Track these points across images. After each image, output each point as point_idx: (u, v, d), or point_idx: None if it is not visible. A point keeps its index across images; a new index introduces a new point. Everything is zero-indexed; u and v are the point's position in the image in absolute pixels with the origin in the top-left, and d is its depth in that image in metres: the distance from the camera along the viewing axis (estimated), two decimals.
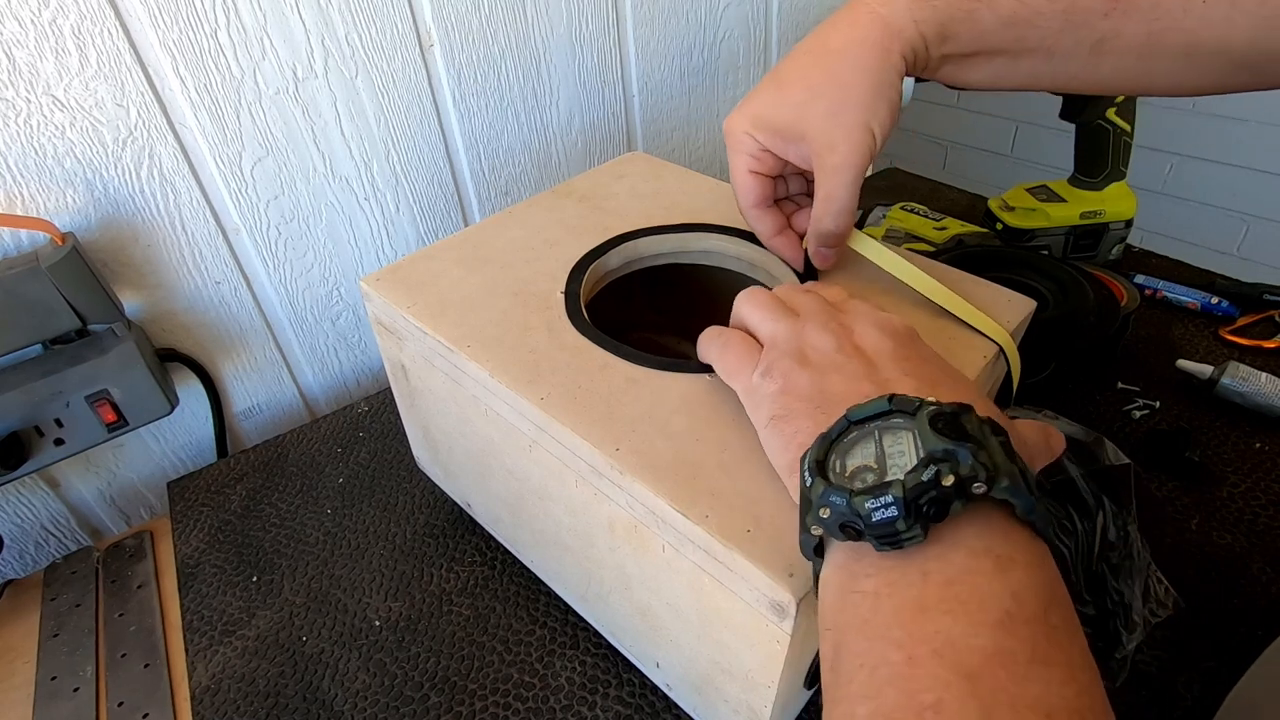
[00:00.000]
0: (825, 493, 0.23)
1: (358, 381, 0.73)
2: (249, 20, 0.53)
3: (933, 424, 0.22)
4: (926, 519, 0.21)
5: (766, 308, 0.33)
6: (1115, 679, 0.40)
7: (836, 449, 0.25)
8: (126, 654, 0.49)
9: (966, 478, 0.21)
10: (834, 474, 0.24)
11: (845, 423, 0.25)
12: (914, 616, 0.21)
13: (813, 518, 0.23)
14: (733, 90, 0.85)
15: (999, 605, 0.21)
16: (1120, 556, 0.43)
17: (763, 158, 0.40)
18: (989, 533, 0.22)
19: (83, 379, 0.50)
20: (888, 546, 0.22)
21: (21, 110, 0.47)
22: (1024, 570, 0.22)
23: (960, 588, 0.21)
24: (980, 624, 0.20)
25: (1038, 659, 0.20)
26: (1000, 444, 0.23)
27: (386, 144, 0.63)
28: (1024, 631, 0.20)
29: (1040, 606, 0.21)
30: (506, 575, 0.50)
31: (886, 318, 0.32)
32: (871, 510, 0.22)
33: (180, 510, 0.58)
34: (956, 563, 0.22)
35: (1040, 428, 0.29)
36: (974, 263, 0.63)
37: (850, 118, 0.36)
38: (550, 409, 0.34)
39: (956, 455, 0.22)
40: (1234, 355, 0.63)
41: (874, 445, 0.24)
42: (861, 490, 0.22)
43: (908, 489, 0.21)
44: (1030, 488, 0.22)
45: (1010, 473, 0.22)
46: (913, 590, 0.22)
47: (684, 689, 0.39)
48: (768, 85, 0.39)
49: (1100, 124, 0.69)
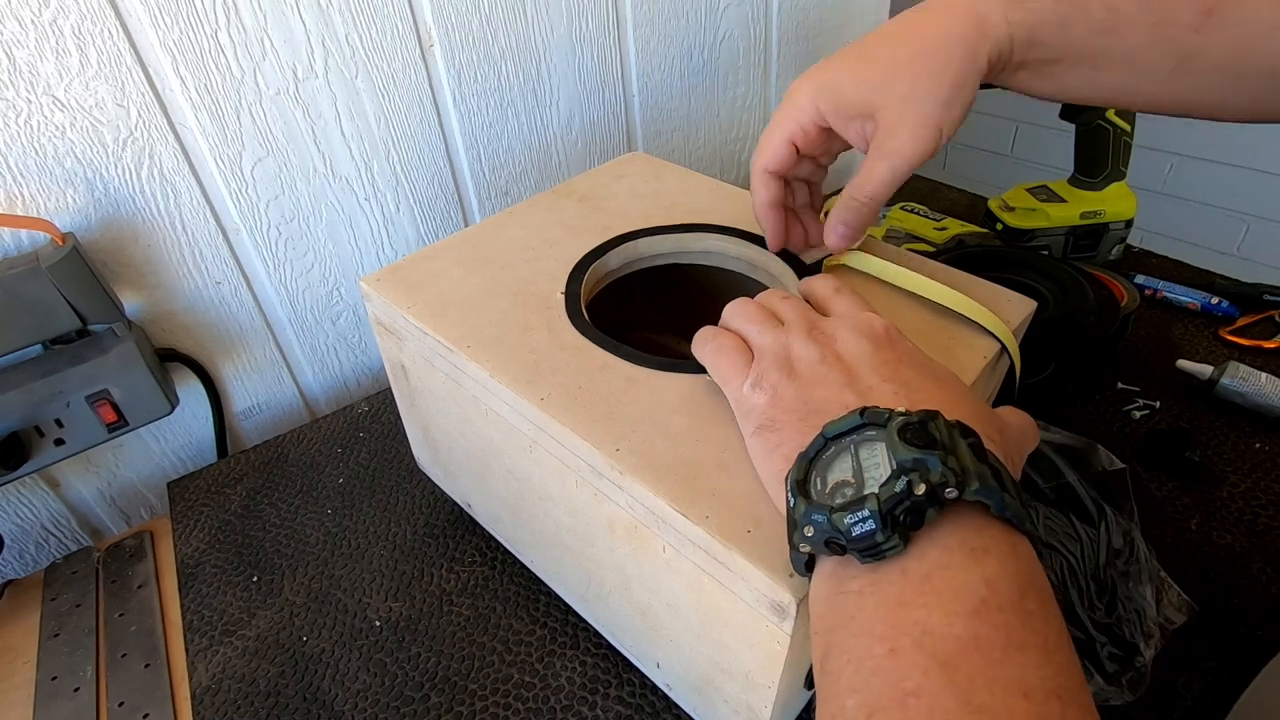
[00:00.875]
0: (807, 511, 0.24)
1: (358, 381, 0.73)
2: (249, 20, 0.53)
3: (901, 435, 0.23)
4: (905, 528, 0.22)
5: (754, 320, 0.34)
6: (1137, 690, 0.40)
7: (816, 466, 0.25)
8: (127, 654, 0.49)
9: (938, 484, 0.22)
10: (815, 492, 0.25)
11: (822, 440, 0.26)
12: (895, 611, 0.22)
13: (799, 536, 0.24)
14: (732, 90, 0.85)
15: (974, 595, 0.22)
16: (1127, 563, 0.43)
17: (809, 132, 0.39)
18: (963, 529, 0.23)
19: (83, 379, 0.50)
20: (871, 558, 0.23)
21: (22, 110, 0.47)
22: (998, 560, 0.22)
23: (936, 580, 0.22)
24: (955, 614, 0.21)
25: (1013, 644, 0.21)
26: (970, 446, 0.24)
27: (387, 144, 0.63)
28: (998, 619, 0.21)
29: (1015, 594, 0.22)
30: (507, 575, 0.50)
31: (867, 320, 0.32)
32: (851, 525, 0.22)
33: (180, 510, 0.58)
34: (932, 558, 0.22)
35: (1022, 413, 0.30)
36: (974, 263, 0.63)
37: (923, 113, 0.35)
38: (550, 409, 0.34)
39: (926, 463, 0.22)
40: (1234, 355, 0.63)
41: (851, 459, 0.25)
42: (840, 507, 0.23)
43: (882, 501, 0.22)
44: (1003, 484, 0.23)
45: (980, 474, 0.23)
46: (893, 587, 0.23)
47: (684, 689, 0.39)
48: (846, 58, 0.38)
49: (1100, 124, 0.69)
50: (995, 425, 0.28)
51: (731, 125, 0.88)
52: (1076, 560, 0.43)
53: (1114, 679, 0.40)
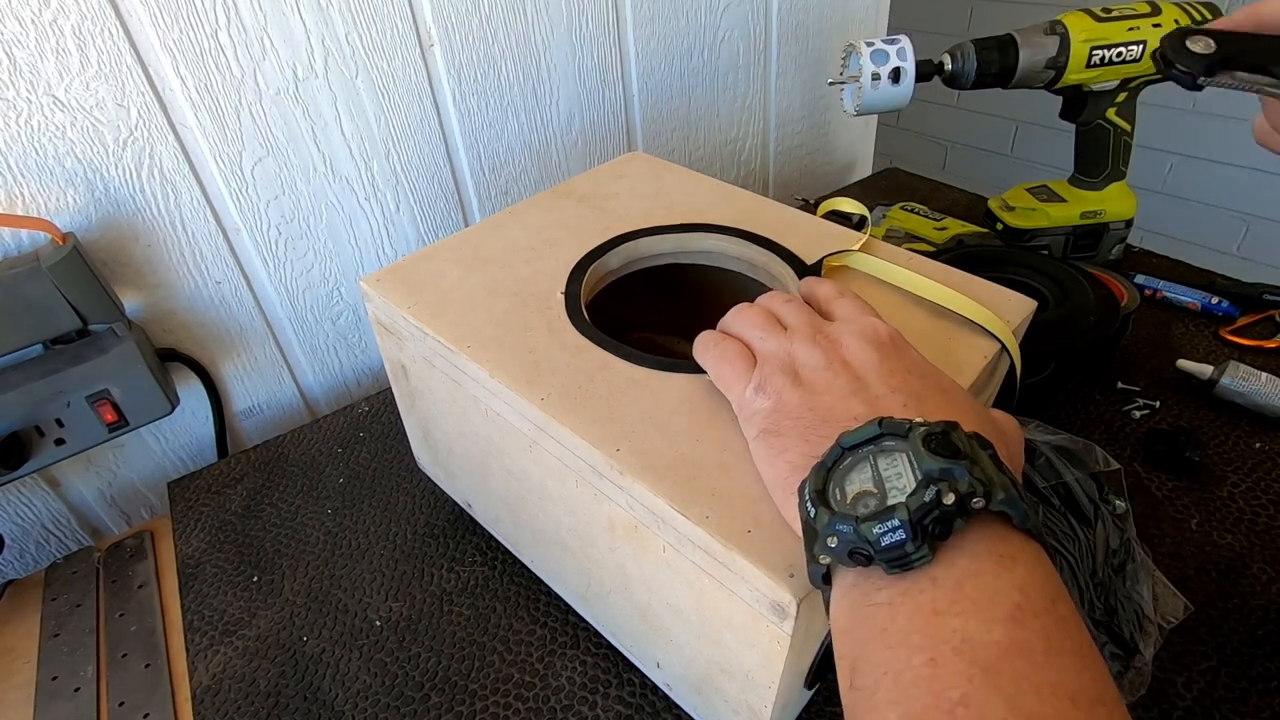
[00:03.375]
0: (831, 522, 0.23)
1: (358, 381, 0.73)
2: (249, 20, 0.53)
3: (926, 444, 0.23)
4: (933, 538, 0.22)
5: (756, 325, 0.34)
6: (1138, 689, 0.40)
7: (834, 476, 0.25)
8: (127, 654, 0.49)
9: (965, 494, 0.22)
10: (836, 502, 0.24)
11: (839, 450, 0.25)
12: (929, 620, 0.22)
13: (820, 547, 0.24)
14: (732, 90, 0.85)
15: (1008, 600, 0.21)
16: (1124, 562, 0.43)
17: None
18: (989, 537, 0.23)
19: (83, 379, 0.50)
20: (898, 569, 0.23)
21: (22, 110, 0.47)
22: (1026, 567, 0.22)
23: (969, 588, 0.22)
24: (993, 620, 0.21)
25: (1053, 649, 0.21)
26: (989, 457, 0.24)
27: (387, 144, 0.63)
28: (1035, 624, 0.21)
29: (1047, 600, 0.22)
30: (507, 575, 0.50)
31: (872, 324, 0.32)
32: (880, 535, 0.22)
33: (181, 510, 0.58)
34: (962, 566, 0.22)
35: (1009, 416, 0.30)
36: (974, 263, 0.63)
37: None
38: (550, 409, 0.34)
39: (953, 473, 0.22)
40: (1234, 355, 0.63)
41: (870, 469, 0.24)
42: (867, 517, 0.23)
43: (912, 511, 0.22)
44: (1020, 495, 0.23)
45: (1004, 485, 0.23)
46: (924, 595, 0.22)
47: (684, 689, 0.39)
48: None
49: (1100, 124, 0.69)
50: (998, 434, 0.28)
51: (731, 125, 0.88)
52: (1076, 560, 0.43)
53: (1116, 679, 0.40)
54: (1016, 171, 1.86)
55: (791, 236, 0.46)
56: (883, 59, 0.65)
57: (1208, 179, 1.56)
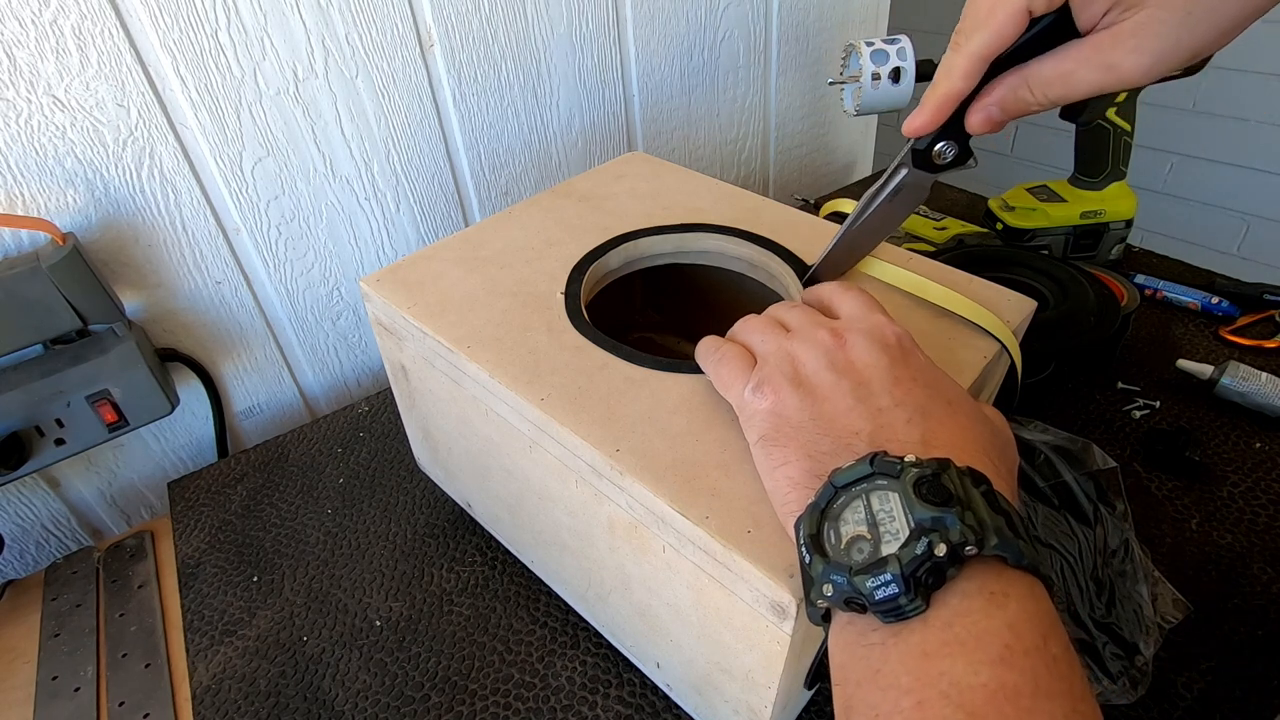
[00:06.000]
0: (825, 571, 0.24)
1: (358, 381, 0.73)
2: (249, 20, 0.53)
3: (917, 490, 0.23)
4: (927, 588, 0.22)
5: (758, 329, 0.33)
6: (1139, 689, 0.40)
7: (828, 517, 0.25)
8: (127, 654, 0.49)
9: (957, 544, 0.22)
10: (830, 547, 0.24)
11: (831, 489, 0.25)
12: (919, 662, 0.22)
13: (817, 593, 0.24)
14: (732, 90, 0.85)
15: (998, 640, 0.21)
16: (1123, 562, 0.43)
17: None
18: (981, 575, 0.23)
19: (83, 379, 0.50)
20: (893, 619, 0.23)
21: (22, 110, 0.47)
22: (1018, 603, 0.22)
23: (958, 628, 0.22)
24: (980, 662, 0.21)
25: (1041, 692, 0.20)
26: (982, 495, 0.23)
27: (387, 144, 0.63)
28: (1024, 663, 0.21)
29: (1039, 637, 0.22)
30: (507, 575, 0.50)
31: (879, 324, 0.31)
32: (874, 590, 0.22)
33: (181, 510, 0.58)
34: (953, 605, 0.22)
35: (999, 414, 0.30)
36: (974, 263, 0.63)
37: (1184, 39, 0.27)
38: (550, 409, 0.34)
39: (945, 522, 0.22)
40: (1234, 355, 0.63)
41: (863, 509, 0.24)
42: (861, 570, 0.23)
43: (904, 564, 0.22)
44: (1016, 532, 0.23)
45: (997, 528, 0.23)
46: (915, 637, 0.22)
47: (684, 689, 0.39)
48: None
49: (1100, 124, 0.69)
50: (997, 447, 0.28)
51: (731, 125, 0.88)
52: (1075, 560, 0.43)
53: (1116, 678, 0.40)
54: (1016, 171, 1.86)
55: (791, 236, 0.46)
56: (883, 59, 0.65)
57: (1208, 179, 1.56)
